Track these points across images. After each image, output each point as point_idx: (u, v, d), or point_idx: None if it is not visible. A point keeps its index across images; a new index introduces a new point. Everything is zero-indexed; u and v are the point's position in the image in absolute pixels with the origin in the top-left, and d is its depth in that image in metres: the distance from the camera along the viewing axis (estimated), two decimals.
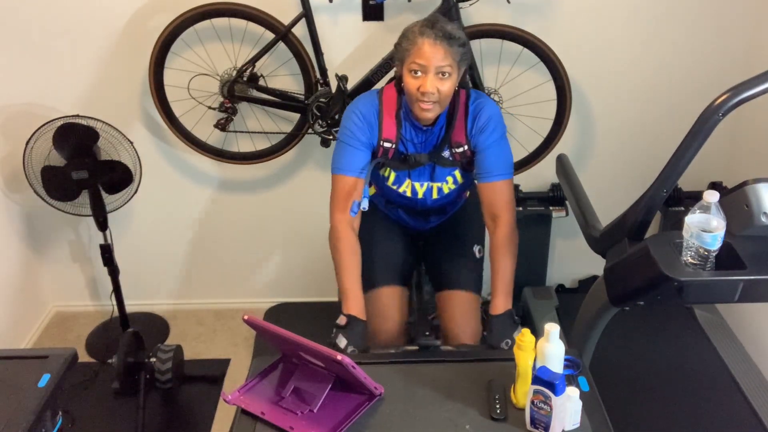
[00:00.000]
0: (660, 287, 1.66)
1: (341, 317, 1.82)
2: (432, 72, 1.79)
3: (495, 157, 1.93)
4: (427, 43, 1.77)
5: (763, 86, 1.54)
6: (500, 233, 1.92)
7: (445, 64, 1.78)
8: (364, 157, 1.95)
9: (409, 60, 1.81)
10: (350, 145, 1.94)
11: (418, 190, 2.07)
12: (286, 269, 3.18)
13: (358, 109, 1.95)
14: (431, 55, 1.77)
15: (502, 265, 1.89)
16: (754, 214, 1.62)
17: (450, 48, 1.77)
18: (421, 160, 1.99)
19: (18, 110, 2.75)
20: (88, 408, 2.64)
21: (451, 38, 1.77)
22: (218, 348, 2.98)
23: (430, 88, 1.79)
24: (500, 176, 1.93)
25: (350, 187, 1.93)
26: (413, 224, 2.22)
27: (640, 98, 2.80)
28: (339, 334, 1.78)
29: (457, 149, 1.97)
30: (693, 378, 2.65)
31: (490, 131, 1.93)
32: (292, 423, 1.47)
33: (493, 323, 1.83)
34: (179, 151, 2.87)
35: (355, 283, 1.87)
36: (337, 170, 1.95)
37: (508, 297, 1.87)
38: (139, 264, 3.08)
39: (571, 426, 1.44)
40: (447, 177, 2.05)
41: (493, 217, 1.95)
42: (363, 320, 1.83)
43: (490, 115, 1.93)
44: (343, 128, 1.96)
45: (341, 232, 1.92)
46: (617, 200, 2.26)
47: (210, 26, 2.57)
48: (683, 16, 2.64)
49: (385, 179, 2.07)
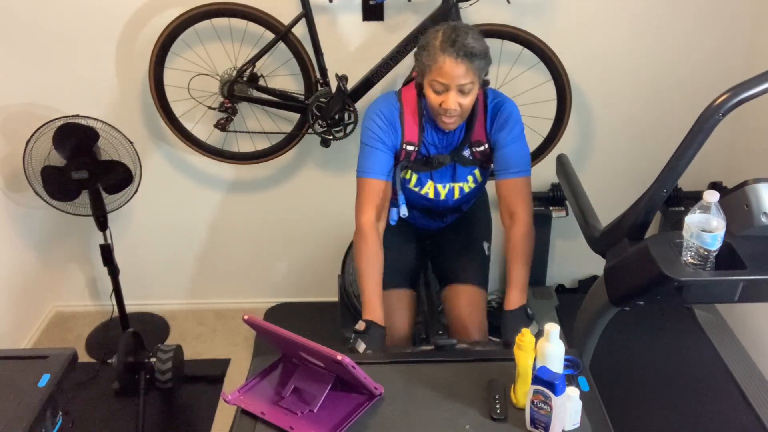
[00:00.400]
0: (660, 287, 1.67)
1: (360, 323, 1.82)
2: (454, 90, 1.78)
3: (514, 154, 1.94)
4: (449, 62, 1.74)
5: (763, 86, 1.54)
6: (518, 230, 1.92)
7: (466, 82, 1.77)
8: (390, 160, 1.95)
9: (430, 76, 1.79)
10: (375, 147, 1.92)
11: (440, 192, 2.06)
12: (286, 269, 3.18)
13: (381, 111, 1.93)
14: (453, 74, 1.75)
15: (519, 262, 1.89)
16: (754, 214, 1.62)
17: (471, 64, 1.75)
18: (443, 160, 1.99)
19: (18, 110, 2.75)
20: (88, 408, 2.63)
21: (473, 55, 1.74)
22: (218, 348, 2.98)
23: (453, 105, 1.79)
24: (519, 173, 1.94)
25: (377, 190, 1.92)
26: (427, 224, 2.22)
27: (640, 98, 2.80)
28: (358, 339, 1.77)
29: (478, 148, 1.98)
30: (693, 378, 2.65)
31: (510, 129, 1.93)
32: (292, 423, 1.47)
33: (507, 318, 1.84)
34: (179, 151, 2.87)
35: (375, 290, 1.87)
36: (363, 173, 1.94)
37: (523, 293, 1.87)
38: (139, 264, 3.08)
39: (571, 426, 1.44)
40: (468, 176, 2.05)
41: (510, 214, 1.94)
42: (382, 326, 1.83)
43: (509, 112, 1.93)
44: (367, 130, 1.93)
45: (367, 237, 1.90)
46: (617, 200, 2.26)
47: (210, 26, 2.57)
48: (683, 16, 2.64)
49: (406, 182, 2.06)
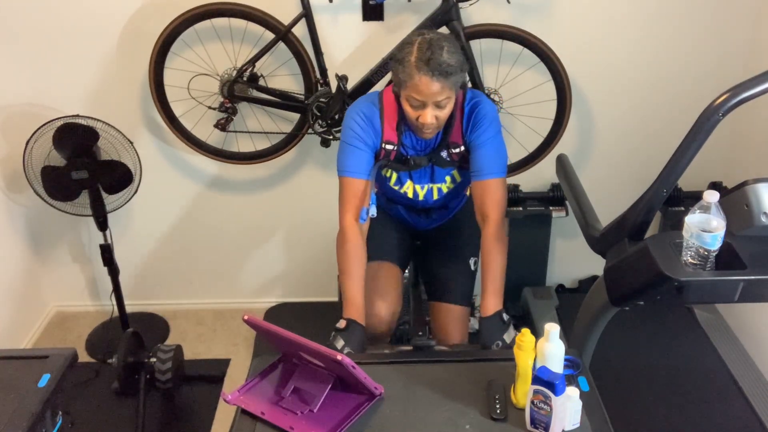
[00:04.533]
0: (660, 287, 1.66)
1: (341, 321, 1.82)
2: (431, 106, 1.79)
3: (487, 155, 1.93)
4: (425, 80, 1.74)
5: (763, 86, 1.54)
6: (488, 232, 1.91)
7: (442, 98, 1.78)
8: (370, 159, 1.96)
9: (406, 92, 1.81)
10: (355, 146, 1.93)
11: (419, 192, 2.08)
12: (286, 269, 3.18)
13: (361, 111, 1.94)
14: (428, 91, 1.76)
15: (492, 265, 1.87)
16: (754, 214, 1.62)
17: (447, 81, 1.75)
18: (420, 162, 2.01)
19: (18, 110, 2.75)
20: (88, 408, 2.64)
21: (448, 73, 1.74)
22: (218, 348, 2.98)
23: (429, 119, 1.81)
24: (491, 174, 1.92)
25: (358, 189, 1.93)
26: (414, 222, 2.23)
27: (640, 98, 2.80)
28: (337, 336, 1.78)
29: (455, 149, 1.98)
30: (693, 378, 2.65)
31: (483, 129, 1.92)
32: (292, 423, 1.47)
33: (483, 326, 1.82)
34: (179, 151, 2.87)
35: (357, 289, 1.87)
36: (344, 172, 1.95)
37: (498, 297, 1.84)
38: (139, 264, 3.08)
39: (571, 426, 1.44)
40: (446, 177, 2.06)
41: (482, 216, 1.94)
42: (362, 325, 1.83)
43: (484, 113, 1.93)
44: (347, 129, 1.95)
45: (349, 236, 1.91)
46: (617, 200, 2.26)
47: (210, 26, 2.57)
48: (683, 16, 2.64)
49: (387, 179, 2.08)
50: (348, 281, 1.88)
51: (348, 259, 1.89)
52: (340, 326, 1.81)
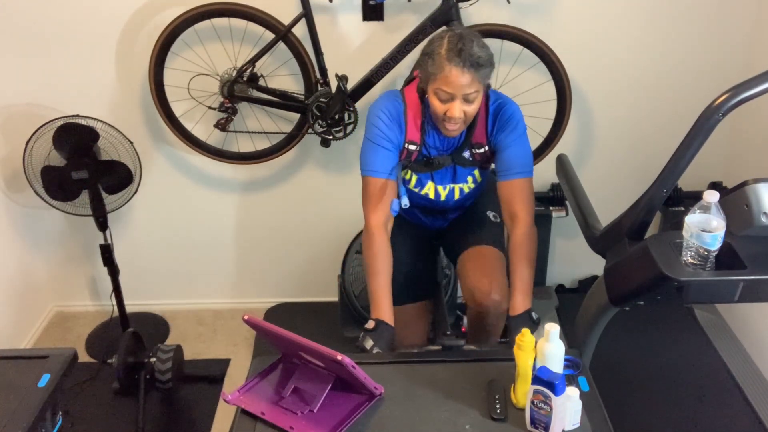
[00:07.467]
0: (660, 287, 1.66)
1: (370, 322, 1.82)
2: (459, 99, 1.77)
3: (515, 155, 1.93)
4: (455, 72, 1.73)
5: (763, 86, 1.54)
6: (518, 232, 1.91)
7: (472, 91, 1.76)
8: (394, 158, 1.94)
9: (435, 85, 1.78)
10: (380, 145, 1.91)
11: (441, 193, 2.07)
12: (286, 269, 3.18)
13: (386, 109, 1.92)
14: (459, 83, 1.74)
15: (521, 264, 1.87)
16: (754, 214, 1.62)
17: (477, 74, 1.74)
18: (444, 162, 1.99)
19: (18, 110, 2.75)
20: (88, 408, 2.63)
21: (478, 65, 1.73)
22: (218, 348, 2.98)
23: (458, 113, 1.79)
24: (520, 174, 1.93)
25: (384, 189, 1.92)
26: (430, 223, 2.23)
27: (640, 98, 2.80)
28: (366, 337, 1.77)
29: (478, 150, 1.97)
30: (693, 378, 2.65)
31: (510, 130, 1.92)
32: (292, 423, 1.47)
33: (512, 324, 1.82)
34: (179, 151, 2.87)
35: (385, 289, 1.86)
36: (368, 172, 1.93)
37: (527, 297, 1.85)
38: (139, 264, 3.08)
39: (571, 426, 1.44)
40: (467, 177, 2.05)
41: (511, 215, 1.93)
42: (392, 326, 1.82)
43: (511, 113, 1.92)
44: (372, 127, 1.92)
45: (375, 236, 1.91)
46: (617, 200, 2.26)
47: (210, 26, 2.57)
48: (683, 16, 2.64)
49: (406, 182, 2.06)
50: (375, 281, 1.87)
51: (375, 260, 1.89)
52: (368, 327, 1.80)
